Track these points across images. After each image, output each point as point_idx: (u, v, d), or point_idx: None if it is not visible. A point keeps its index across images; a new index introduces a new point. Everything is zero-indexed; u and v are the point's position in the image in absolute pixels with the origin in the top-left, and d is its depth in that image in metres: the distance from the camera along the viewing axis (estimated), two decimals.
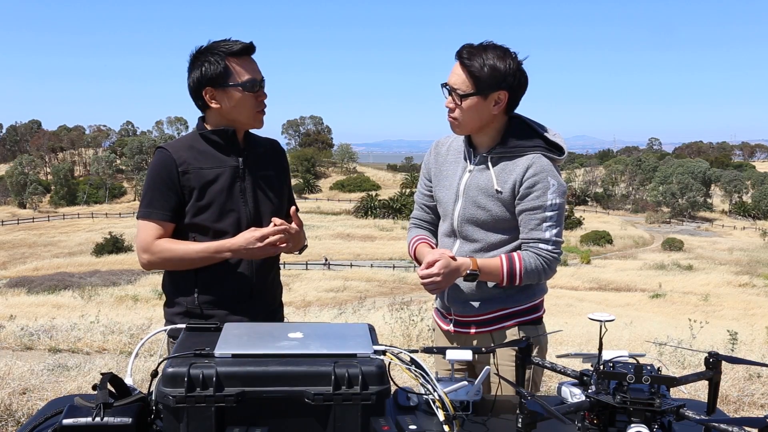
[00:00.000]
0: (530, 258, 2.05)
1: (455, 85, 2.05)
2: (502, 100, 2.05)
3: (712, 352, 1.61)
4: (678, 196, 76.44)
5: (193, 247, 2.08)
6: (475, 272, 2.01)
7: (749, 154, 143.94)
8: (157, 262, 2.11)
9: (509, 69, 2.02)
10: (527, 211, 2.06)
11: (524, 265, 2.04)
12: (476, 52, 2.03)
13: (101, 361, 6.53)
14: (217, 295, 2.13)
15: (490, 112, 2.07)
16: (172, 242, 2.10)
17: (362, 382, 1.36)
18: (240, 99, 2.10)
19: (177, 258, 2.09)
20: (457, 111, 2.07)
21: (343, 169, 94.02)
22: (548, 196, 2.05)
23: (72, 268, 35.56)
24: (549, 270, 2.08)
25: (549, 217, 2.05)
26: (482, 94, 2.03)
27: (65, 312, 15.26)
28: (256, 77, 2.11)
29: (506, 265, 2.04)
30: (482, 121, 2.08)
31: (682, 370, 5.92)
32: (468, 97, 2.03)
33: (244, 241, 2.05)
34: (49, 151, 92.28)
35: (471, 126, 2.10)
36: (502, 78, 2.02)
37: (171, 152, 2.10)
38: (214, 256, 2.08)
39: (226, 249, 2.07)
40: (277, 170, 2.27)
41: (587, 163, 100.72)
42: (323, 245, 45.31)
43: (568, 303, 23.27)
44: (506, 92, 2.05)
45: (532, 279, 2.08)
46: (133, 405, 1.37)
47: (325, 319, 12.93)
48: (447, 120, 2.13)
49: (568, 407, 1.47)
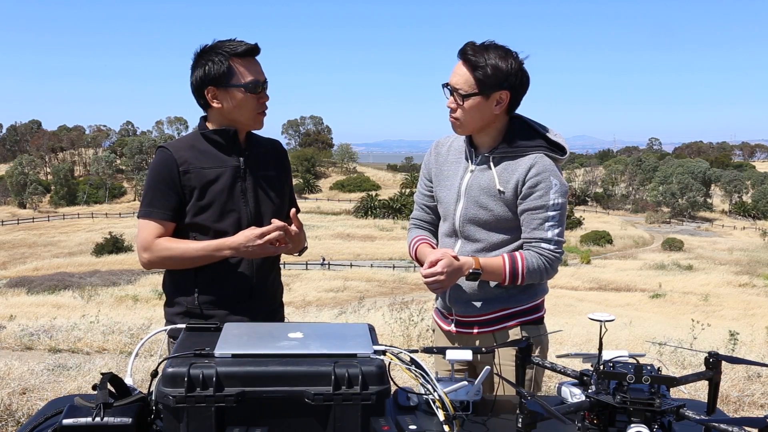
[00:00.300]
0: (532, 257, 2.05)
1: (457, 86, 2.05)
2: (504, 100, 2.06)
3: (712, 352, 1.61)
4: (678, 196, 76.44)
5: (192, 246, 2.08)
6: (477, 271, 2.01)
7: (749, 154, 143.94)
8: (157, 261, 2.11)
9: (511, 69, 2.02)
10: (529, 211, 2.06)
11: (526, 265, 2.04)
12: (478, 52, 2.03)
13: (101, 361, 6.53)
14: (217, 295, 2.12)
15: (491, 112, 2.07)
16: (171, 241, 2.10)
17: (362, 382, 1.36)
18: (242, 100, 2.09)
19: (177, 256, 2.08)
20: (458, 111, 2.07)
21: (343, 169, 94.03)
22: (551, 195, 2.05)
23: (72, 268, 35.54)
24: (551, 270, 2.08)
25: (551, 217, 2.05)
26: (484, 94, 2.03)
27: (65, 312, 15.25)
28: (259, 79, 2.11)
29: (508, 264, 2.04)
30: (484, 121, 2.08)
31: (682, 370, 5.92)
32: (470, 97, 2.03)
33: (244, 239, 2.04)
34: (49, 151, 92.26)
35: (473, 126, 2.10)
36: (504, 78, 2.02)
37: (172, 151, 2.10)
38: (214, 254, 2.08)
39: (226, 247, 2.06)
40: (279, 170, 2.27)
41: (587, 163, 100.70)
42: (323, 245, 45.30)
43: (568, 303, 23.26)
44: (508, 92, 2.05)
45: (534, 278, 2.08)
46: (133, 405, 1.37)
47: (325, 319, 12.93)
48: (448, 120, 2.13)
49: (568, 407, 1.47)
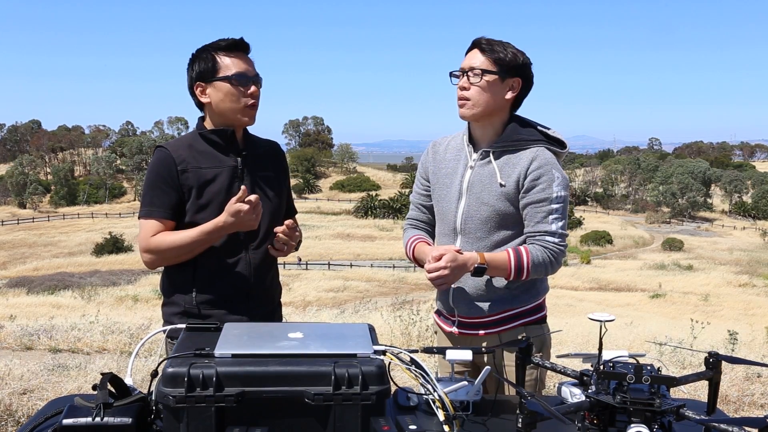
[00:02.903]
0: (537, 251, 2.04)
1: (474, 65, 2.08)
2: (516, 88, 2.10)
3: (712, 352, 1.61)
4: (678, 196, 76.41)
5: (187, 234, 2.07)
6: (483, 266, 1.99)
7: (749, 154, 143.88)
8: (158, 259, 2.11)
9: (526, 61, 2.11)
10: (532, 204, 2.06)
11: (532, 258, 2.03)
12: (496, 42, 2.10)
13: (101, 361, 6.53)
14: (214, 295, 2.13)
15: (503, 97, 2.10)
16: (166, 234, 2.09)
17: (362, 382, 1.36)
18: (228, 92, 2.10)
19: (174, 247, 2.07)
20: (472, 89, 2.08)
21: (343, 169, 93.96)
22: (554, 188, 2.04)
23: (72, 268, 35.51)
24: (556, 263, 2.07)
25: (555, 210, 2.05)
26: (501, 75, 2.07)
27: (65, 312, 15.25)
28: (247, 73, 2.11)
29: (514, 258, 2.03)
30: (493, 105, 2.09)
31: (682, 370, 5.92)
32: (488, 73, 2.06)
33: (232, 210, 2.01)
34: (49, 151, 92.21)
35: (482, 108, 2.09)
36: (521, 66, 2.09)
37: (170, 151, 2.10)
38: (210, 237, 2.06)
39: (220, 226, 2.03)
40: (276, 171, 2.27)
41: (587, 163, 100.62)
42: (323, 245, 45.29)
43: (568, 303, 23.24)
44: (520, 81, 2.10)
45: (539, 273, 2.07)
46: (133, 405, 1.37)
47: (325, 319, 12.93)
48: (457, 103, 2.13)
49: (568, 407, 1.47)
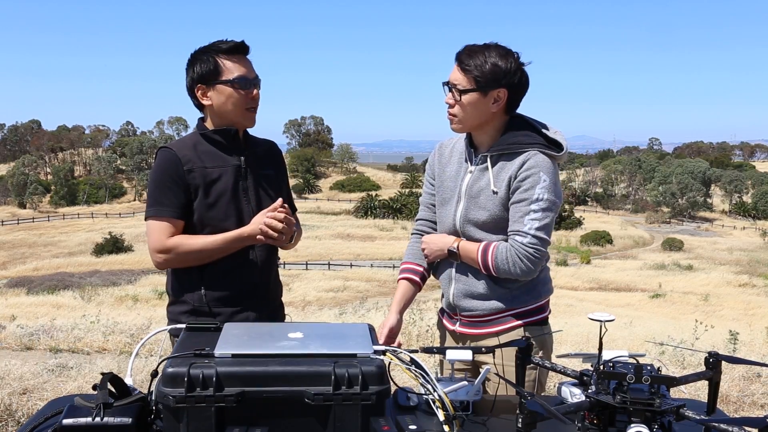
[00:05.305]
0: (503, 249, 2.02)
1: (455, 81, 2.06)
2: (501, 98, 2.06)
3: (712, 352, 1.61)
4: (678, 196, 76.38)
5: (211, 239, 2.09)
6: (454, 250, 2.11)
7: (749, 154, 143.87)
8: (175, 260, 2.10)
9: (510, 68, 2.03)
10: (514, 204, 2.05)
11: (496, 255, 2.02)
12: (478, 51, 2.04)
13: (101, 361, 6.53)
14: (224, 293, 2.14)
15: (489, 110, 2.07)
16: (188, 237, 2.10)
17: (362, 382, 1.36)
18: (229, 95, 2.11)
19: (196, 250, 2.09)
20: (456, 107, 2.08)
21: (343, 169, 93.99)
22: (536, 190, 2.01)
23: (72, 268, 35.50)
24: (522, 264, 1.99)
25: (533, 210, 2.00)
26: (482, 91, 2.03)
27: (65, 312, 15.26)
28: (248, 75, 2.12)
29: (481, 253, 2.05)
30: (481, 118, 2.09)
31: (682, 370, 5.92)
32: (467, 92, 2.04)
33: (256, 222, 2.09)
34: (49, 151, 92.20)
35: (470, 123, 2.10)
36: (503, 75, 2.03)
37: (175, 151, 2.11)
38: (233, 245, 2.11)
39: (244, 237, 2.10)
40: (276, 170, 2.31)
41: (587, 163, 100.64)
42: (323, 245, 45.27)
43: (568, 303, 23.24)
44: (506, 90, 2.05)
45: (505, 272, 2.03)
46: (133, 405, 1.37)
47: (325, 319, 12.93)
48: (447, 118, 2.14)
49: (568, 407, 1.47)
